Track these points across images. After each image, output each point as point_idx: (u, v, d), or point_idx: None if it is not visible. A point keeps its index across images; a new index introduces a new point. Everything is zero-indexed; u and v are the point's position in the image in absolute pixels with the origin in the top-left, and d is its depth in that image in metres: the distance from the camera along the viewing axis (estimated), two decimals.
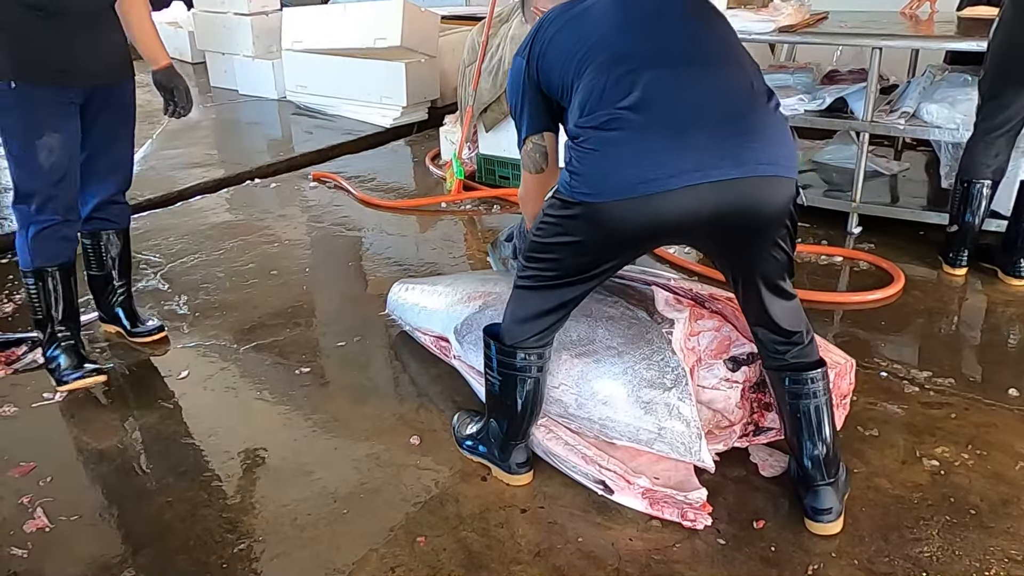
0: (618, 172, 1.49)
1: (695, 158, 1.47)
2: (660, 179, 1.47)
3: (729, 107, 1.52)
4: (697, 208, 1.50)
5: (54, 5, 2.05)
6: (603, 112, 1.51)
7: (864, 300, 2.78)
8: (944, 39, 3.22)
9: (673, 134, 1.48)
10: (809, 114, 3.36)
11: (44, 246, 2.23)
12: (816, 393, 1.72)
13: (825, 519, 1.74)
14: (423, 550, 1.74)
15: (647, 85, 1.49)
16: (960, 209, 2.87)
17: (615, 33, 1.57)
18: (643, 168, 1.47)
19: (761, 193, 1.53)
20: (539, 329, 1.75)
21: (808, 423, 1.73)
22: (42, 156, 2.13)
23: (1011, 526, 1.76)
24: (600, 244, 1.59)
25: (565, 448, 1.91)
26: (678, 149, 1.47)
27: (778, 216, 1.58)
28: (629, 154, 1.48)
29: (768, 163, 1.51)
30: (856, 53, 3.88)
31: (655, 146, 1.48)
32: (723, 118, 1.51)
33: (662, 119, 1.49)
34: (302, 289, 3.04)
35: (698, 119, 1.49)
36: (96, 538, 1.83)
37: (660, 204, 1.49)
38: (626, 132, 1.49)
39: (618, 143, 1.49)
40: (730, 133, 1.50)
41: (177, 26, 7.47)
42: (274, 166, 4.51)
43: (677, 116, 1.49)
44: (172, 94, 2.45)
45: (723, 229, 1.58)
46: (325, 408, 2.28)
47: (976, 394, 2.24)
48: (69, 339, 2.36)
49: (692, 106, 1.50)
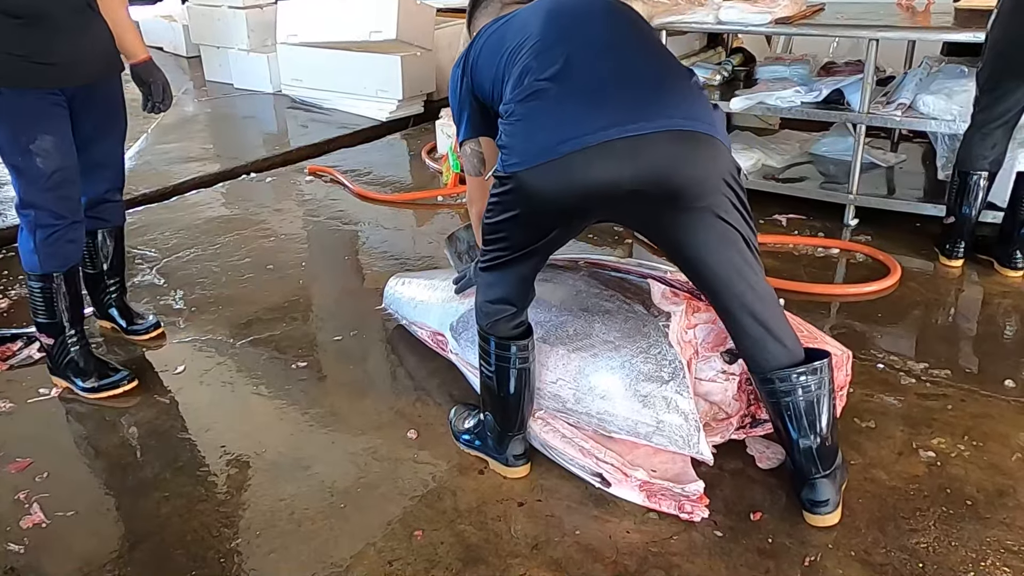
0: (540, 137, 1.55)
1: (611, 116, 1.51)
2: (577, 137, 1.51)
3: (647, 74, 1.59)
4: (618, 167, 1.52)
5: (30, 10, 2.02)
6: (527, 87, 1.59)
7: (861, 292, 2.78)
8: (941, 30, 3.21)
9: (590, 98, 1.54)
10: (806, 106, 3.36)
11: (53, 251, 2.20)
12: (801, 390, 1.68)
13: (823, 511, 1.74)
14: (421, 544, 1.74)
15: (567, 61, 1.58)
16: (957, 201, 2.87)
17: (539, 31, 1.66)
18: (562, 130, 1.52)
19: (680, 148, 1.53)
20: (508, 311, 1.81)
21: (795, 417, 1.71)
22: (39, 160, 2.10)
23: (1007, 517, 1.77)
24: (536, 214, 1.63)
25: (562, 441, 1.91)
26: (594, 110, 1.53)
27: (705, 177, 1.56)
28: (550, 120, 1.55)
29: (685, 118, 1.54)
30: (853, 45, 3.88)
31: (573, 110, 1.54)
32: (640, 82, 1.57)
33: (580, 87, 1.55)
34: (298, 283, 3.03)
35: (616, 84, 1.56)
36: (93, 533, 1.83)
37: (581, 164, 1.52)
38: (546, 101, 1.56)
39: (540, 111, 1.56)
40: (646, 94, 1.55)
41: (171, 20, 7.44)
42: (270, 160, 4.49)
43: (594, 84, 1.56)
44: (151, 89, 2.42)
45: (651, 194, 1.56)
46: (322, 402, 2.28)
47: (972, 385, 2.24)
48: (84, 341, 2.35)
49: (610, 74, 1.57)
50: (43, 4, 2.04)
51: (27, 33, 2.04)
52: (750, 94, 3.46)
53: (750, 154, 3.69)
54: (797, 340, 1.73)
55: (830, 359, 1.72)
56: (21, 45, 2.03)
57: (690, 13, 3.53)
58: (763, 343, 1.70)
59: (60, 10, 2.07)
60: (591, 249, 3.17)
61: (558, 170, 1.53)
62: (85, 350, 2.35)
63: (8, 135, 2.10)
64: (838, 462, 1.77)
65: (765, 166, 3.70)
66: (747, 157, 3.67)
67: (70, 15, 2.10)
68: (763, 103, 3.41)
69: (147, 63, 2.41)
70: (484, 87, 1.78)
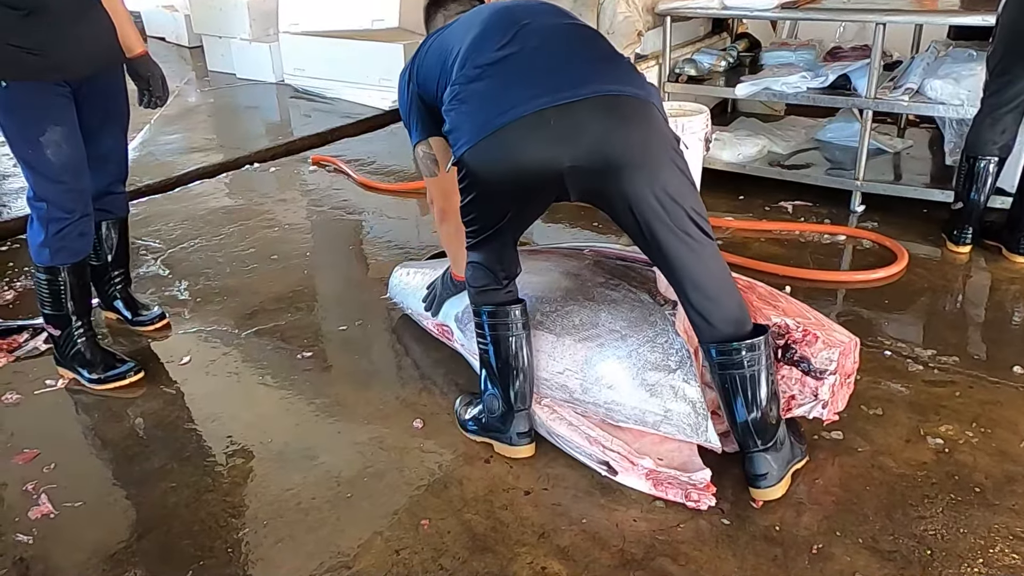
0: (479, 115, 1.63)
1: (542, 87, 1.59)
2: (511, 109, 1.58)
3: (581, 54, 1.66)
4: (555, 136, 1.58)
5: (30, 3, 2.01)
6: (467, 73, 1.68)
7: (868, 279, 2.77)
8: (948, 14, 3.18)
9: (525, 76, 1.63)
10: (812, 92, 3.33)
11: (63, 245, 2.19)
12: (745, 363, 1.69)
13: (762, 484, 1.75)
14: (427, 533, 1.74)
15: (506, 48, 1.66)
16: (965, 186, 2.85)
17: (481, 24, 1.74)
18: (498, 105, 1.60)
19: (613, 111, 1.59)
20: (492, 280, 1.88)
21: (736, 391, 1.71)
22: (50, 152, 2.10)
23: (1016, 503, 1.76)
24: (490, 192, 1.71)
25: (569, 429, 1.91)
26: (528, 86, 1.60)
27: (641, 139, 1.60)
28: (488, 99, 1.63)
29: (615, 83, 1.59)
30: (859, 29, 3.84)
31: (509, 88, 1.62)
32: (572, 60, 1.64)
33: (517, 68, 1.64)
34: (303, 273, 3.03)
35: (550, 63, 1.64)
36: (100, 524, 1.83)
37: (517, 136, 1.59)
38: (485, 82, 1.65)
39: (479, 93, 1.65)
40: (578, 67, 1.63)
41: (173, 10, 7.42)
42: (273, 150, 4.48)
43: (530, 64, 1.64)
44: (148, 83, 2.40)
45: (592, 165, 1.61)
46: (327, 392, 2.28)
47: (980, 372, 2.23)
48: (90, 333, 2.35)
49: (546, 57, 1.65)
50: None
51: (30, 25, 2.02)
52: (755, 80, 3.44)
53: (756, 140, 3.67)
54: (746, 314, 1.73)
55: (767, 335, 1.71)
56: (24, 37, 2.02)
57: None
58: (708, 315, 1.70)
59: (61, 2, 2.06)
60: (595, 237, 3.16)
61: (497, 144, 1.61)
62: (91, 341, 2.35)
63: (17, 128, 2.09)
64: (780, 437, 1.76)
65: (771, 152, 3.67)
66: (752, 143, 3.65)
67: (71, 6, 2.09)
68: (768, 89, 3.38)
69: (144, 57, 2.39)
70: (429, 89, 1.86)
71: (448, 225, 2.10)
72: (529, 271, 2.24)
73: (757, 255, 2.91)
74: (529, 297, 2.10)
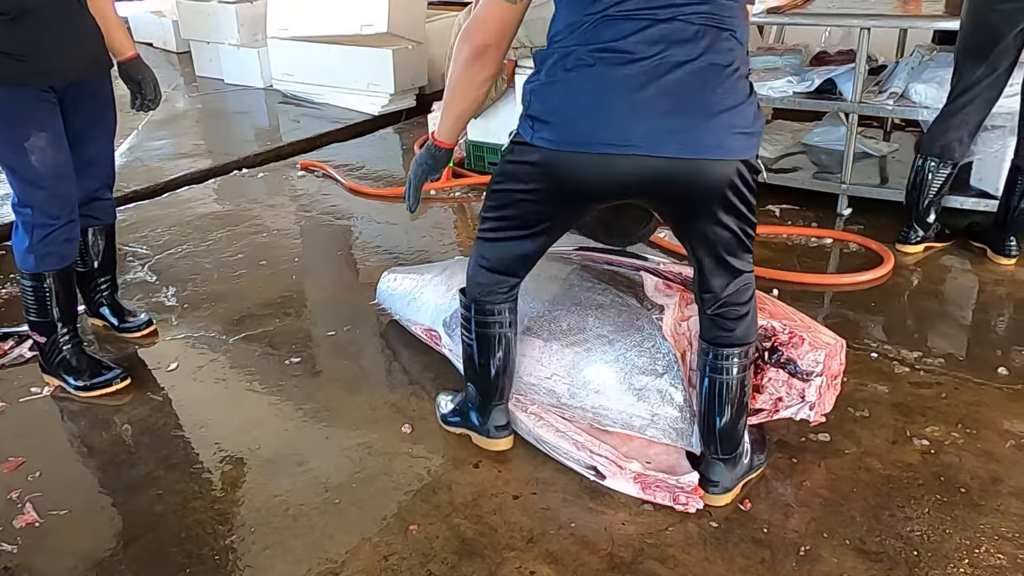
0: (576, 125, 1.49)
1: (644, 133, 1.46)
2: (606, 143, 1.47)
3: (700, 82, 1.47)
4: (636, 178, 1.52)
5: (16, 6, 1.99)
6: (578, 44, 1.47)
7: (854, 281, 2.78)
8: (932, 18, 3.21)
9: (635, 99, 1.45)
10: (798, 96, 3.35)
11: (48, 250, 2.18)
12: (732, 370, 1.71)
13: (711, 490, 1.78)
14: (416, 538, 1.74)
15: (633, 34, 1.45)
16: (908, 182, 2.91)
17: None
18: (598, 128, 1.47)
19: (699, 175, 1.52)
20: (506, 283, 1.81)
21: (714, 397, 1.73)
22: (34, 158, 2.08)
23: (1001, 504, 1.77)
24: (560, 193, 1.60)
25: (556, 435, 1.91)
26: (633, 116, 1.46)
27: (716, 195, 1.55)
28: (588, 108, 1.48)
29: (717, 147, 1.50)
30: (844, 34, 3.87)
31: (613, 106, 1.46)
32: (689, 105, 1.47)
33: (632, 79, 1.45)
34: (291, 279, 3.02)
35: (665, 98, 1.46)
36: (87, 532, 1.82)
37: (602, 163, 1.50)
38: (594, 78, 1.46)
39: (580, 91, 1.48)
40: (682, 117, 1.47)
41: (161, 15, 7.39)
42: (261, 155, 4.47)
43: (641, 76, 1.45)
44: (140, 86, 2.40)
45: (664, 198, 1.60)
46: (316, 398, 2.27)
47: (966, 373, 2.24)
48: (76, 340, 2.33)
49: (667, 67, 1.45)
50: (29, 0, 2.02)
51: (14, 30, 2.01)
52: None
53: None
54: (755, 324, 1.75)
55: (752, 347, 1.73)
56: (9, 42, 2.01)
57: None
58: (722, 324, 1.70)
59: (47, 6, 2.05)
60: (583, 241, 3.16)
61: (579, 161, 1.51)
62: (77, 348, 2.34)
63: (3, 133, 2.08)
64: (740, 451, 1.79)
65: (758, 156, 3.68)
66: None
67: (57, 11, 2.08)
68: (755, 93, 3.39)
69: (135, 60, 2.39)
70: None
71: (477, 71, 1.65)
72: None
73: None
74: None
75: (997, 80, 2.66)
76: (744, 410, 1.78)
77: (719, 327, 1.71)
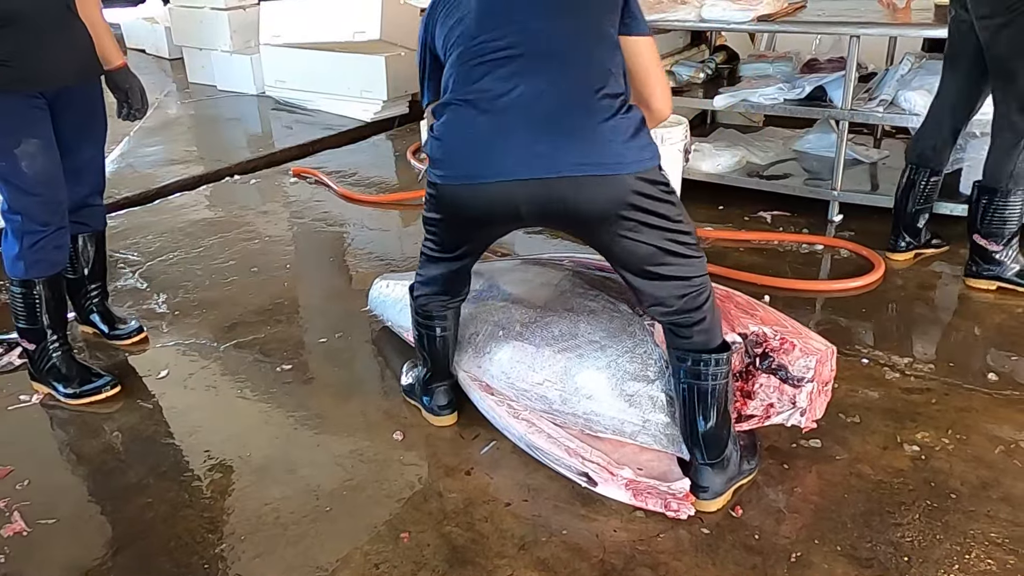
0: (457, 159, 1.67)
1: (516, 156, 1.60)
2: (483, 172, 1.63)
3: (559, 107, 1.60)
4: (524, 201, 1.64)
5: (5, 12, 1.99)
6: (454, 93, 1.67)
7: (845, 287, 2.80)
8: (921, 27, 3.23)
9: (506, 126, 1.61)
10: (789, 103, 3.37)
11: (38, 257, 2.17)
12: (711, 376, 1.71)
13: (701, 496, 1.79)
14: (407, 546, 1.73)
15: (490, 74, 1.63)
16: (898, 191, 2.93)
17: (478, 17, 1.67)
18: (477, 161, 1.64)
19: (576, 193, 1.60)
20: (440, 298, 1.98)
21: (694, 403, 1.74)
22: (24, 164, 2.07)
23: (991, 509, 1.78)
24: (455, 222, 1.78)
25: (548, 441, 1.91)
26: (504, 141, 1.61)
27: (604, 213, 1.61)
28: (468, 143, 1.65)
29: (585, 164, 1.58)
30: (835, 42, 3.89)
31: (487, 138, 1.63)
32: (550, 121, 1.59)
33: (503, 110, 1.61)
34: (283, 285, 3.01)
35: (535, 119, 1.60)
36: (75, 541, 1.81)
37: (487, 193, 1.65)
38: (469, 118, 1.64)
39: (462, 130, 1.66)
40: (554, 138, 1.59)
41: (153, 22, 7.39)
42: (254, 162, 4.47)
43: (516, 111, 1.60)
44: (127, 96, 2.39)
45: (555, 219, 1.71)
46: (308, 405, 2.26)
47: (956, 379, 2.25)
48: (66, 347, 2.32)
49: (526, 99, 1.60)
50: (18, 5, 2.02)
51: (4, 36, 2.01)
52: (734, 91, 3.47)
53: (734, 151, 3.71)
54: (719, 328, 1.76)
55: (730, 353, 1.74)
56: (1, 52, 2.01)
57: (673, 11, 3.54)
58: (678, 332, 1.73)
59: (36, 12, 2.05)
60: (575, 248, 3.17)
61: (467, 192, 1.67)
62: (67, 356, 2.33)
63: None
64: (727, 455, 1.79)
65: (749, 163, 3.71)
66: (731, 154, 3.68)
67: (47, 17, 2.08)
68: (747, 100, 3.42)
69: (123, 69, 2.38)
70: (438, 45, 1.80)
71: None
72: (509, 282, 2.25)
73: (736, 264, 2.94)
74: (509, 307, 2.11)
75: (963, 89, 2.67)
76: (726, 414, 1.76)
77: (677, 335, 1.73)
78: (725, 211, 3.47)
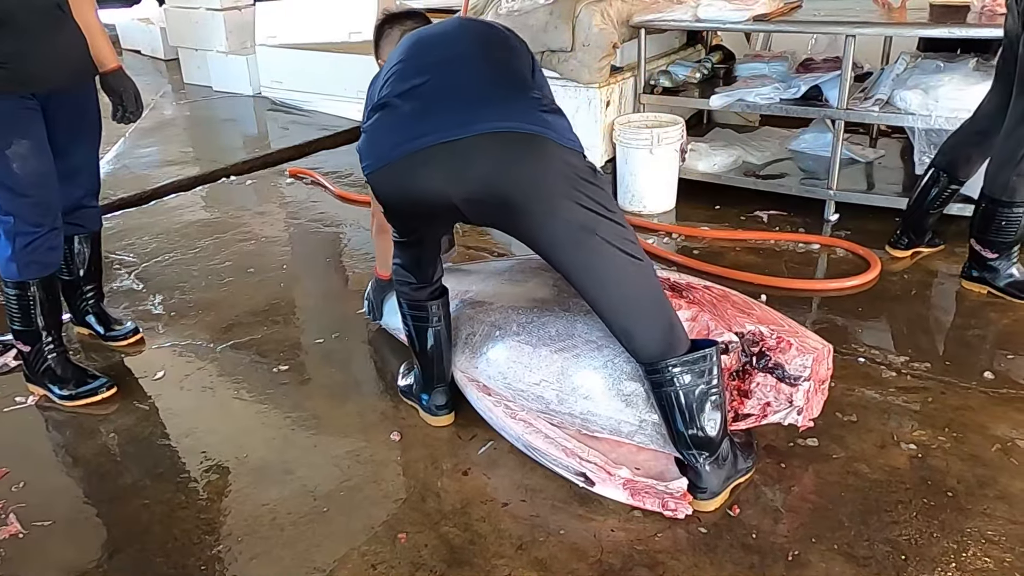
0: (379, 145, 1.70)
1: (434, 123, 1.62)
2: (404, 143, 1.63)
3: (478, 87, 1.66)
4: (442, 174, 1.62)
5: None
6: (379, 102, 1.73)
7: (841, 287, 2.80)
8: (916, 26, 3.24)
9: (422, 109, 1.66)
10: (785, 102, 3.37)
11: (31, 259, 2.16)
12: (677, 381, 1.69)
13: (698, 496, 1.78)
14: (405, 547, 1.73)
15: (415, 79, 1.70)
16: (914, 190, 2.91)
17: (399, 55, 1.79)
18: (393, 137, 1.66)
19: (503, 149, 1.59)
20: (411, 281, 1.98)
21: (670, 407, 1.73)
22: (16, 165, 2.07)
23: (988, 507, 1.78)
24: (394, 211, 1.80)
25: (545, 441, 1.91)
26: (422, 120, 1.64)
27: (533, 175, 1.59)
28: (387, 129, 1.69)
29: (507, 120, 1.59)
30: (830, 41, 3.89)
31: (406, 120, 1.66)
32: (468, 93, 1.65)
33: (417, 100, 1.67)
34: (280, 286, 3.01)
35: (446, 96, 1.65)
36: (71, 543, 1.80)
37: (408, 169, 1.64)
38: (389, 111, 1.69)
39: (382, 121, 1.70)
40: (472, 103, 1.63)
41: (149, 22, 7.38)
42: (250, 163, 4.46)
43: (429, 97, 1.67)
44: (121, 98, 2.39)
45: (484, 199, 1.64)
46: (304, 406, 2.26)
47: (952, 378, 2.26)
48: (61, 348, 2.32)
49: (445, 89, 1.67)
50: (10, 7, 2.01)
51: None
52: (730, 91, 3.48)
53: (730, 151, 3.71)
54: (676, 331, 1.73)
55: (712, 351, 1.72)
56: None
57: (669, 11, 3.54)
58: (628, 337, 1.73)
59: (28, 13, 2.04)
60: None
61: (392, 174, 1.68)
62: (62, 357, 2.32)
63: None
64: (722, 453, 1.78)
65: (746, 163, 3.71)
66: (727, 154, 3.68)
67: (39, 18, 2.07)
68: (743, 100, 3.42)
69: (117, 72, 2.37)
70: None
71: (382, 235, 2.26)
72: (505, 282, 2.25)
73: (733, 264, 2.94)
74: (505, 308, 2.10)
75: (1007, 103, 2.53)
76: (715, 413, 1.74)
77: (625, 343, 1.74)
78: (721, 211, 3.47)
